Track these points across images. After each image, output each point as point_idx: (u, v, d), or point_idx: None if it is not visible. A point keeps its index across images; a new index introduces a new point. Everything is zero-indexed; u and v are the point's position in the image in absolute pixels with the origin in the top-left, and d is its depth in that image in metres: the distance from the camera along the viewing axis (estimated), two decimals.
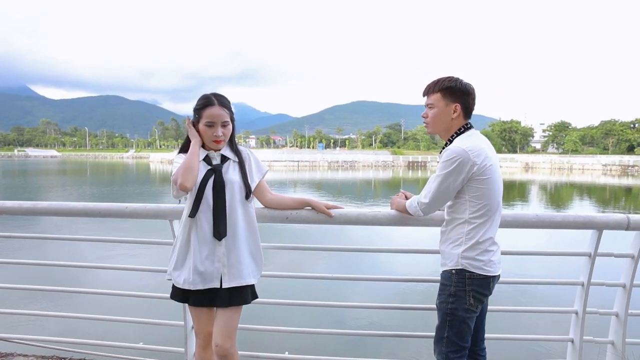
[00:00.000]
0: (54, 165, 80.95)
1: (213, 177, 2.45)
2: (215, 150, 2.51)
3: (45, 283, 3.82)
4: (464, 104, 2.36)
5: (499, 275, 2.40)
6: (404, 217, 2.61)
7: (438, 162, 2.36)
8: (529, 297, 7.46)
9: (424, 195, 2.36)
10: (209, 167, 2.47)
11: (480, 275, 2.30)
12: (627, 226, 2.71)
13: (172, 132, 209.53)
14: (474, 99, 2.38)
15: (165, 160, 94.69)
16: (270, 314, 6.12)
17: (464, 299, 2.32)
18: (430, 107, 2.42)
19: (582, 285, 2.94)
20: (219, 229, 2.43)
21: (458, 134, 2.37)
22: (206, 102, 2.43)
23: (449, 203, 2.40)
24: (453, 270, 2.35)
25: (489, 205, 2.30)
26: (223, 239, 2.44)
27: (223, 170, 2.49)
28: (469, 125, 2.40)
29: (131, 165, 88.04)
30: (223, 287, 2.45)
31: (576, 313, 3.00)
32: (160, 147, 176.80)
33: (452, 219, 2.38)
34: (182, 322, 3.09)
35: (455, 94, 2.35)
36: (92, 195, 29.06)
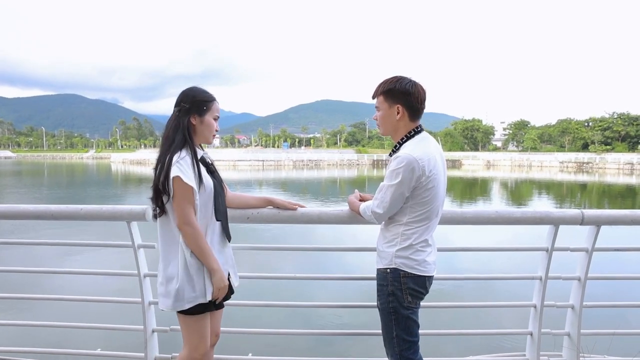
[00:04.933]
0: (8, 167, 77.88)
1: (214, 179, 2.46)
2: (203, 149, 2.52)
3: None
4: (406, 104, 2.33)
5: (433, 276, 2.43)
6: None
7: (387, 164, 2.35)
8: (493, 293, 7.61)
9: (377, 205, 2.33)
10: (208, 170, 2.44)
11: (414, 274, 2.33)
12: (582, 221, 2.79)
13: (134, 132, 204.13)
14: (417, 98, 2.33)
15: (127, 161, 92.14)
16: (233, 316, 6.03)
17: (402, 298, 2.35)
18: (378, 110, 2.43)
19: (540, 279, 3.01)
20: (227, 230, 2.48)
21: (408, 138, 2.36)
22: (212, 96, 2.44)
23: None
24: (388, 269, 2.37)
25: (429, 212, 2.33)
26: None
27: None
28: (419, 129, 2.38)
29: (91, 166, 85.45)
30: (234, 285, 2.53)
31: (535, 307, 3.07)
32: (122, 147, 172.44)
33: (391, 220, 2.40)
34: (142, 327, 3.00)
35: (395, 95, 2.34)
36: (49, 197, 28.07)
